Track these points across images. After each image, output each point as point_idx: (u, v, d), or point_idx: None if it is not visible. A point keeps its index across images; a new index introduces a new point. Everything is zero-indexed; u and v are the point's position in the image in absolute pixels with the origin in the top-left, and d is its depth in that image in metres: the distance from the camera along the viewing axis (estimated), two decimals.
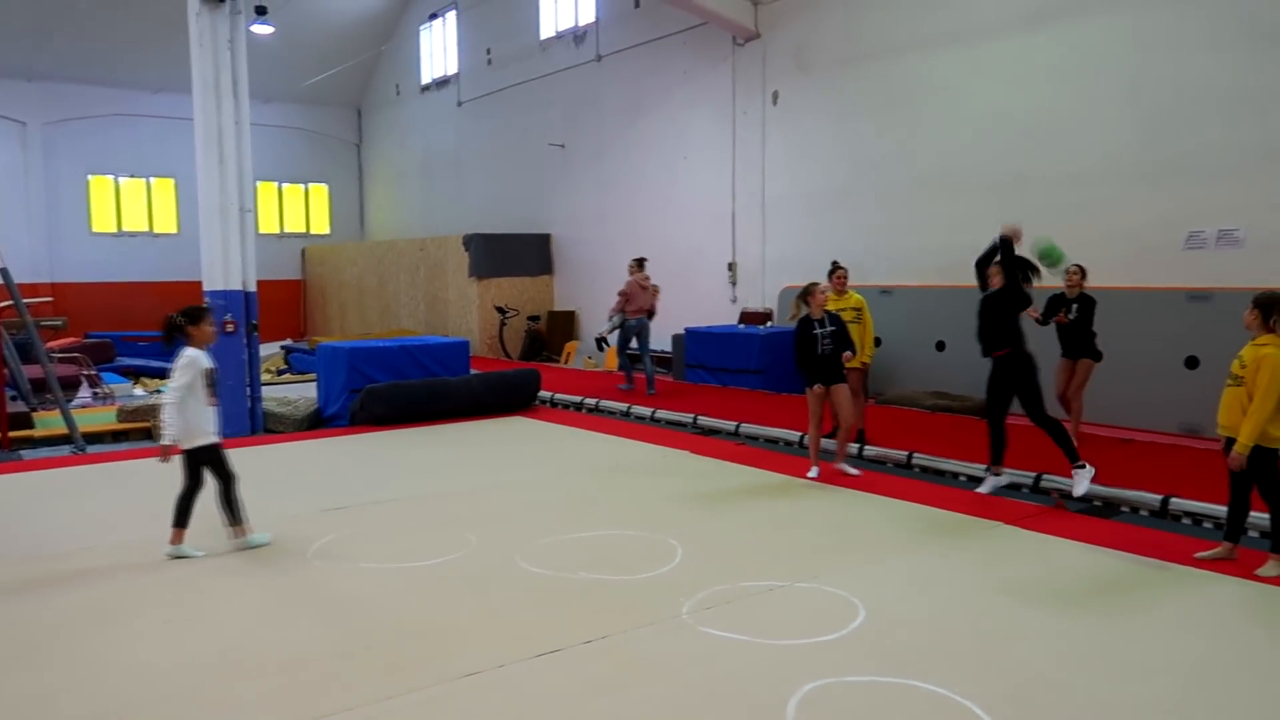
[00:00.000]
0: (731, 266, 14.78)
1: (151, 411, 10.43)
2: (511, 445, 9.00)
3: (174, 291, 22.31)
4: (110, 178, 22.36)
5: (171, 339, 5.48)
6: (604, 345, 13.39)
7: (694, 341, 12.82)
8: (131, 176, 22.58)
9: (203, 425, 5.47)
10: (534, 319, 18.18)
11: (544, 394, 11.64)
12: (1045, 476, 6.87)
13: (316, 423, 10.65)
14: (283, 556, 5.42)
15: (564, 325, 18.27)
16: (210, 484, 5.56)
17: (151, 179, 22.79)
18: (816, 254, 12.93)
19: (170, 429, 5.34)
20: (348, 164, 25.83)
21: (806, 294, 7.23)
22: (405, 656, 3.98)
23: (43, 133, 21.36)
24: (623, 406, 10.92)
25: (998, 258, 6.72)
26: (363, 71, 24.38)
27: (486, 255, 18.00)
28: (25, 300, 13.41)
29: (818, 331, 7.14)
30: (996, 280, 6.73)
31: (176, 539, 5.44)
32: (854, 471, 7.28)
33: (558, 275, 18.85)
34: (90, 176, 22.07)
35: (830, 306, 7.53)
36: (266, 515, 6.35)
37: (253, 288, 10.21)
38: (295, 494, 7.00)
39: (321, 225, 25.58)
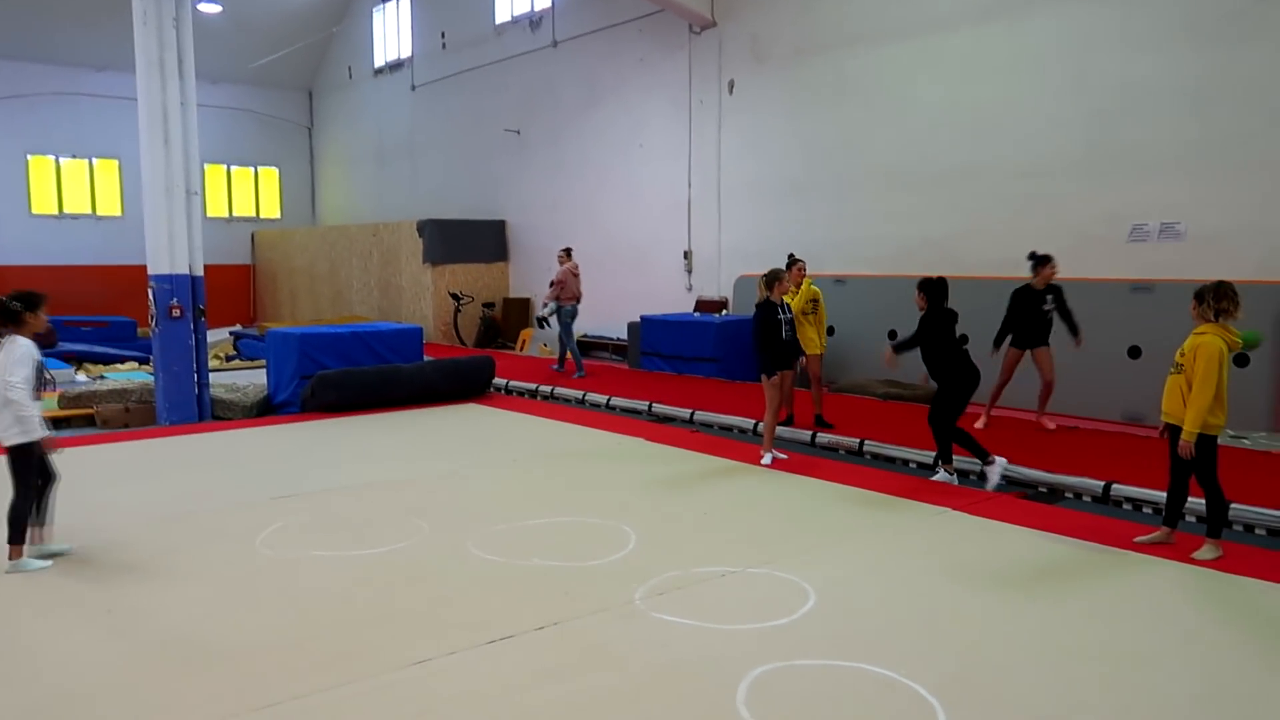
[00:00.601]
0: (687, 255, 14.81)
1: (94, 397, 10.20)
2: (465, 432, 8.94)
3: (118, 275, 21.89)
4: (51, 158, 21.74)
5: (3, 327, 4.95)
6: (544, 325, 13.80)
7: (649, 329, 12.84)
8: (73, 157, 21.97)
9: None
10: (489, 306, 18.07)
11: (499, 381, 11.58)
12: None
13: (266, 410, 10.48)
14: (230, 545, 5.33)
15: (519, 312, 18.18)
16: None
17: (94, 160, 22.20)
18: (772, 243, 13.03)
19: (38, 419, 4.92)
20: (299, 147, 25.39)
21: (773, 279, 7.29)
22: (356, 645, 3.95)
23: None
24: (577, 394, 10.90)
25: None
26: (314, 53, 23.96)
27: (441, 241, 17.82)
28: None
29: (781, 317, 7.20)
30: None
31: (14, 555, 4.93)
32: (783, 457, 7.40)
33: (513, 262, 18.74)
34: (29, 156, 21.44)
35: (785, 297, 7.61)
36: (212, 503, 6.26)
37: (199, 272, 10.00)
38: (243, 482, 6.89)
39: (272, 209, 25.14)
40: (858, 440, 8.00)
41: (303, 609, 4.36)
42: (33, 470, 4.97)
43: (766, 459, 7.26)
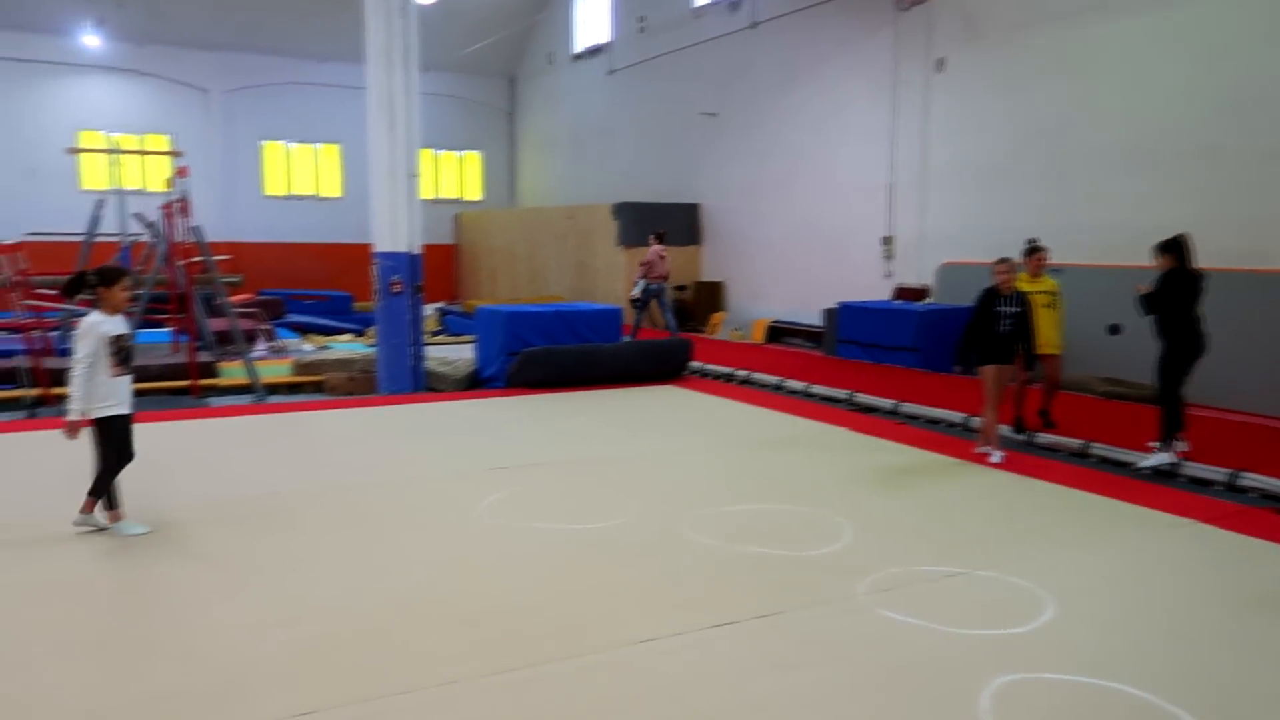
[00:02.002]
0: (887, 241, 14.34)
1: (322, 366, 10.97)
2: (665, 414, 9.01)
3: (337, 252, 23.50)
4: (282, 143, 23.53)
5: (73, 298, 5.11)
6: (636, 305, 14.61)
7: (848, 316, 12.52)
8: (300, 142, 23.70)
9: (108, 395, 5.01)
10: (681, 289, 18.15)
11: (693, 364, 11.61)
12: (1244, 475, 6.38)
13: (474, 383, 10.95)
14: (458, 512, 5.58)
15: (711, 296, 18.19)
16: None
17: (319, 145, 23.86)
18: (980, 229, 12.42)
19: (76, 402, 4.91)
20: (500, 132, 26.36)
21: (1011, 266, 6.98)
22: (582, 618, 4.03)
23: (223, 100, 22.66)
24: (774, 379, 10.77)
25: None
26: (517, 41, 24.75)
27: (635, 224, 18.05)
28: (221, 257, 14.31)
29: (1001, 309, 6.82)
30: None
31: (114, 519, 5.09)
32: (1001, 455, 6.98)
33: (706, 245, 18.75)
34: (263, 142, 23.28)
35: (1025, 288, 7.19)
36: (434, 471, 6.57)
37: (418, 250, 10.54)
38: (462, 452, 7.21)
39: (474, 192, 26.26)
40: (1081, 441, 7.49)
41: (529, 579, 4.50)
42: (111, 442, 5.01)
43: (995, 456, 6.89)
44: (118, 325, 5.04)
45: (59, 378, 9.80)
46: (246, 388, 10.31)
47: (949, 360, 11.27)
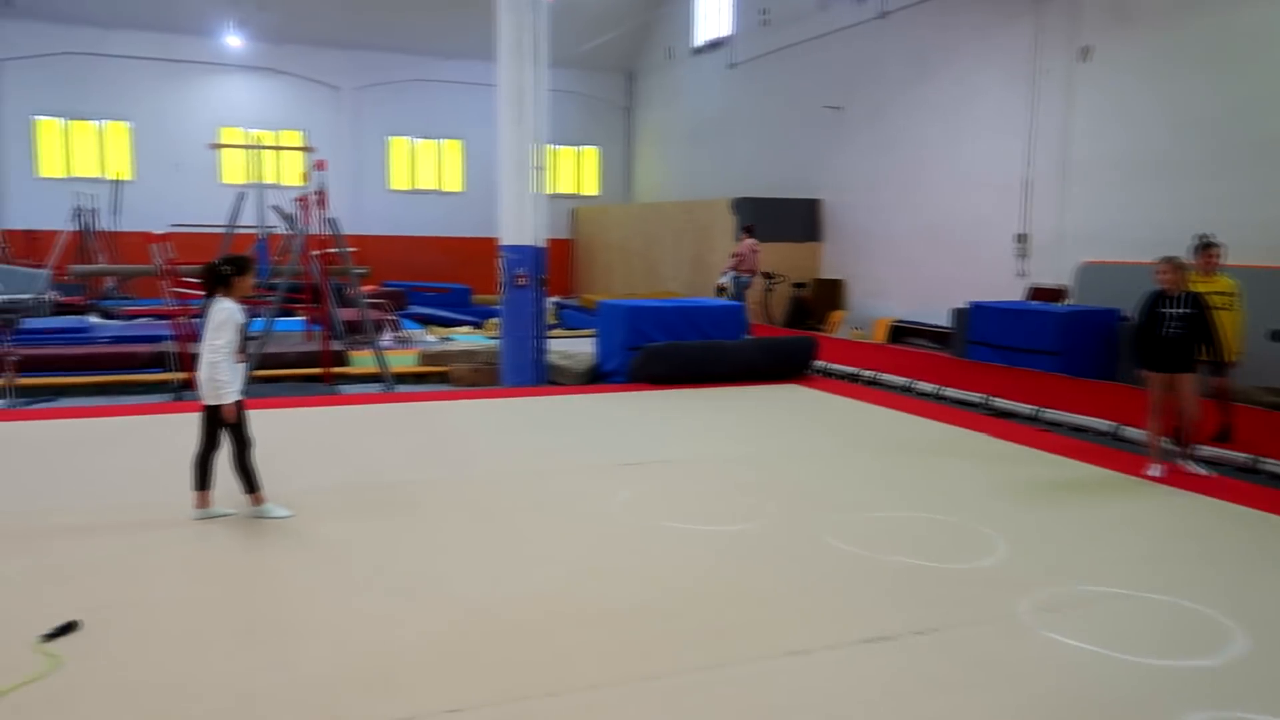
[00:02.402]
0: (1021, 238, 13.70)
1: (447, 357, 11.12)
2: (792, 413, 8.77)
3: (458, 246, 23.99)
4: (407, 139, 24.12)
5: (211, 289, 5.04)
6: (722, 293, 15.23)
7: (980, 317, 12.00)
8: (425, 138, 24.24)
9: (237, 381, 5.07)
10: (799, 286, 17.82)
11: (816, 363, 11.31)
12: None
13: (595, 377, 10.93)
14: (590, 508, 5.50)
15: (830, 293, 17.79)
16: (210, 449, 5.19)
17: (442, 140, 24.37)
18: (1127, 226, 11.74)
19: (230, 385, 4.96)
20: (618, 127, 26.41)
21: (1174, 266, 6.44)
22: (726, 624, 3.88)
23: (353, 97, 23.37)
24: (903, 380, 10.39)
25: None
26: (636, 36, 24.74)
27: (754, 219, 17.75)
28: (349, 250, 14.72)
29: (1165, 310, 6.35)
30: None
31: (201, 502, 5.09)
32: (1202, 471, 6.47)
33: (826, 242, 18.34)
34: (389, 137, 23.91)
35: (1200, 287, 6.68)
36: (563, 464, 6.52)
37: (542, 244, 10.57)
38: (589, 446, 7.15)
39: (591, 187, 26.40)
40: (1250, 456, 6.93)
41: (670, 580, 4.37)
42: (219, 428, 5.04)
43: (1155, 470, 6.42)
44: (241, 313, 5.15)
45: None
46: (376, 377, 10.53)
47: (1094, 365, 10.69)
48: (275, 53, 22.38)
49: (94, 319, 15.91)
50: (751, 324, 13.87)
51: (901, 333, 15.71)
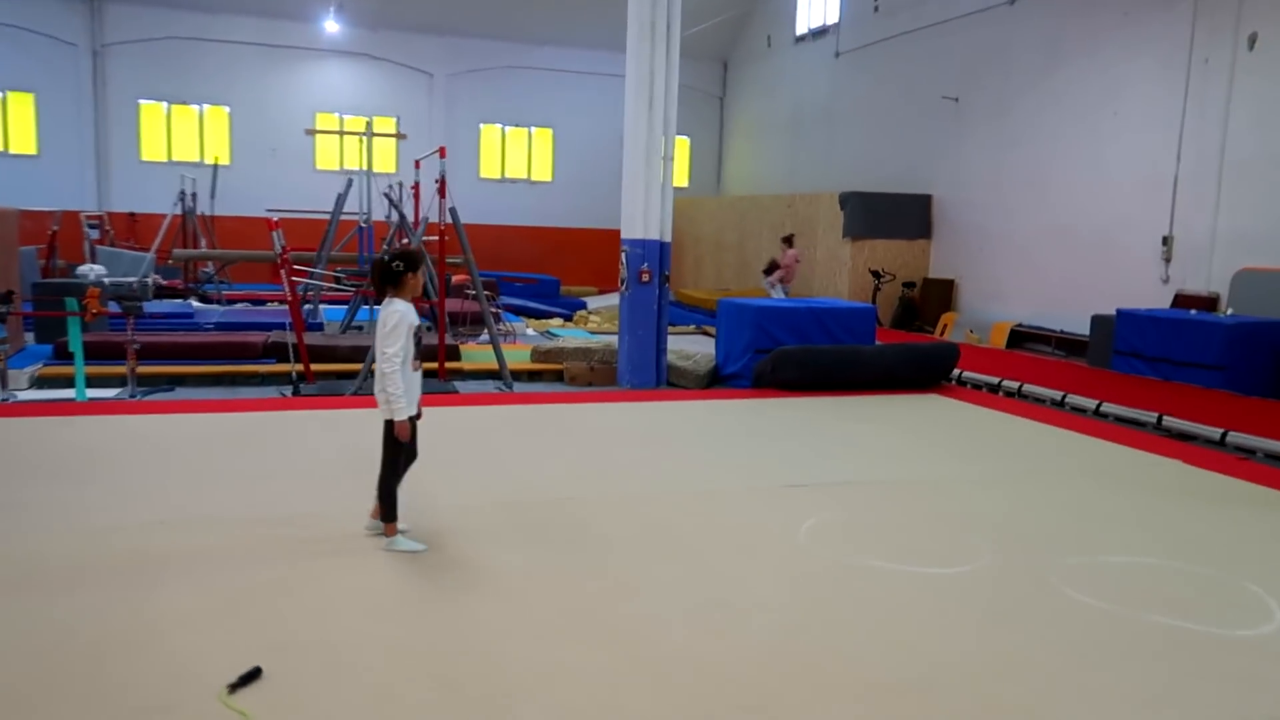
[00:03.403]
0: (1166, 241, 12.75)
1: (561, 354, 10.67)
2: (949, 428, 8.09)
3: (545, 236, 23.65)
4: (498, 126, 23.81)
5: (381, 289, 4.53)
6: None
7: (1128, 325, 11.14)
8: (515, 126, 23.91)
9: (406, 392, 4.49)
10: (909, 286, 17.02)
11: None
12: None
13: (714, 380, 10.38)
14: (775, 539, 4.95)
15: (940, 294, 16.95)
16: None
17: (532, 129, 24.01)
18: None
19: (404, 399, 4.42)
20: (709, 117, 25.77)
21: None
22: (1008, 703, 3.26)
23: (445, 83, 23.12)
24: (1055, 394, 9.63)
25: None
26: (733, 24, 24.06)
27: (864, 215, 17.04)
28: (430, 239, 14.32)
29: None
30: None
31: (390, 533, 4.57)
32: None
33: (936, 240, 17.49)
34: (481, 125, 23.63)
35: None
36: (729, 484, 5.97)
37: (668, 238, 10.04)
38: (744, 461, 6.61)
39: (680, 178, 25.81)
40: None
41: (912, 639, 3.76)
42: (400, 446, 4.53)
43: None
44: (415, 315, 4.58)
45: (321, 355, 9.92)
46: (492, 374, 10.13)
47: (1261, 382, 9.81)
48: (371, 38, 22.24)
49: (194, 304, 15.88)
50: None
51: (1022, 338, 14.86)
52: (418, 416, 4.63)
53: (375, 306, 12.89)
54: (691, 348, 11.94)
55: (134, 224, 20.45)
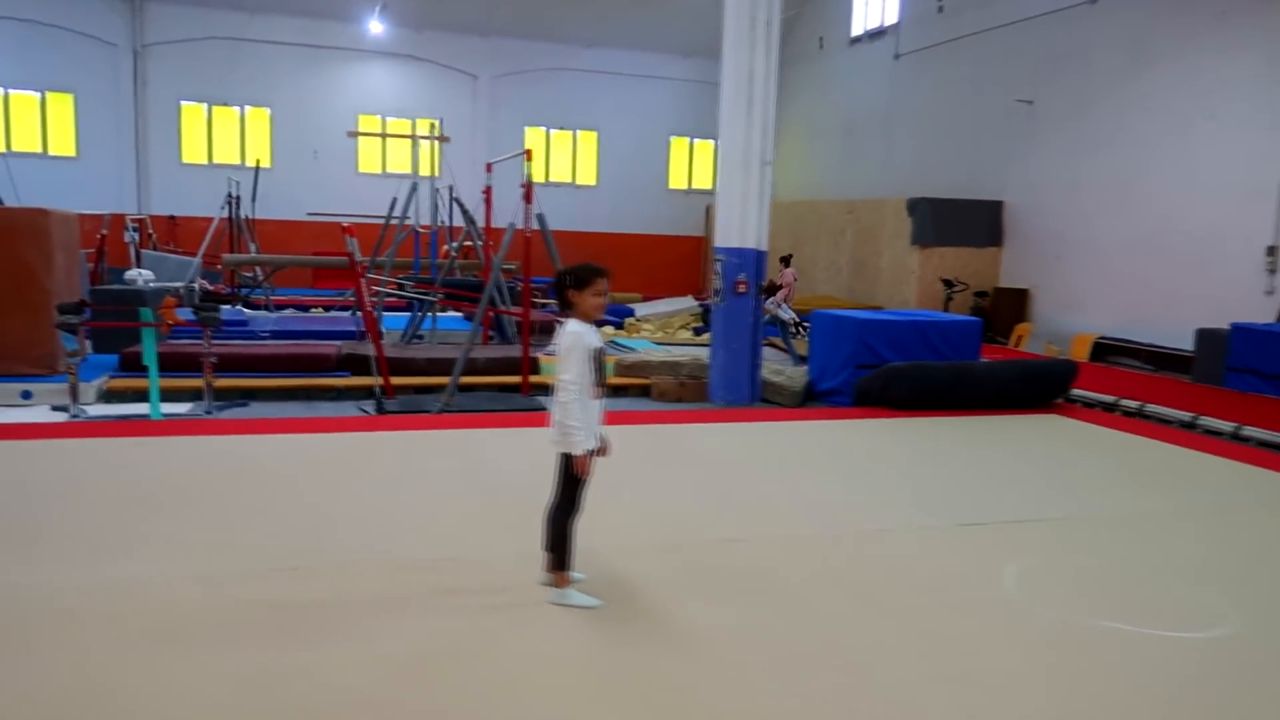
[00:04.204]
0: (1271, 251, 12.10)
1: (648, 368, 10.12)
2: (1087, 453, 7.47)
3: (588, 241, 23.08)
4: (542, 129, 23.32)
5: (562, 305, 4.01)
6: (799, 331, 14.09)
7: (1245, 341, 10.50)
8: (560, 129, 23.41)
9: (590, 424, 3.99)
10: (981, 295, 16.39)
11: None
12: None
13: (808, 397, 9.81)
14: (984, 591, 4.36)
15: (1013, 304, 16.32)
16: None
17: (577, 132, 23.51)
18: None
19: (582, 431, 3.89)
20: None
21: None
22: None
23: (489, 85, 22.64)
24: (1185, 415, 9.00)
25: None
26: (783, 26, 23.42)
27: (933, 222, 16.43)
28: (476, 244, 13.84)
29: None
30: None
31: (561, 583, 4.04)
32: None
33: (1007, 248, 16.86)
34: (526, 128, 23.14)
35: None
36: (896, 521, 5.38)
37: (765, 246, 9.48)
38: (898, 494, 6.02)
39: None
40: None
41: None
42: (578, 484, 3.99)
43: None
44: (595, 335, 4.05)
45: (398, 367, 9.38)
46: None
47: None
48: (415, 39, 21.81)
49: (242, 310, 15.41)
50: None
51: (1106, 350, 14.22)
52: (600, 450, 4.07)
53: (430, 315, 12.47)
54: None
55: (174, 227, 20.03)
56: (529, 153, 9.42)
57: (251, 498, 5.34)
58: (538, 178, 23.30)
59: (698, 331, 16.88)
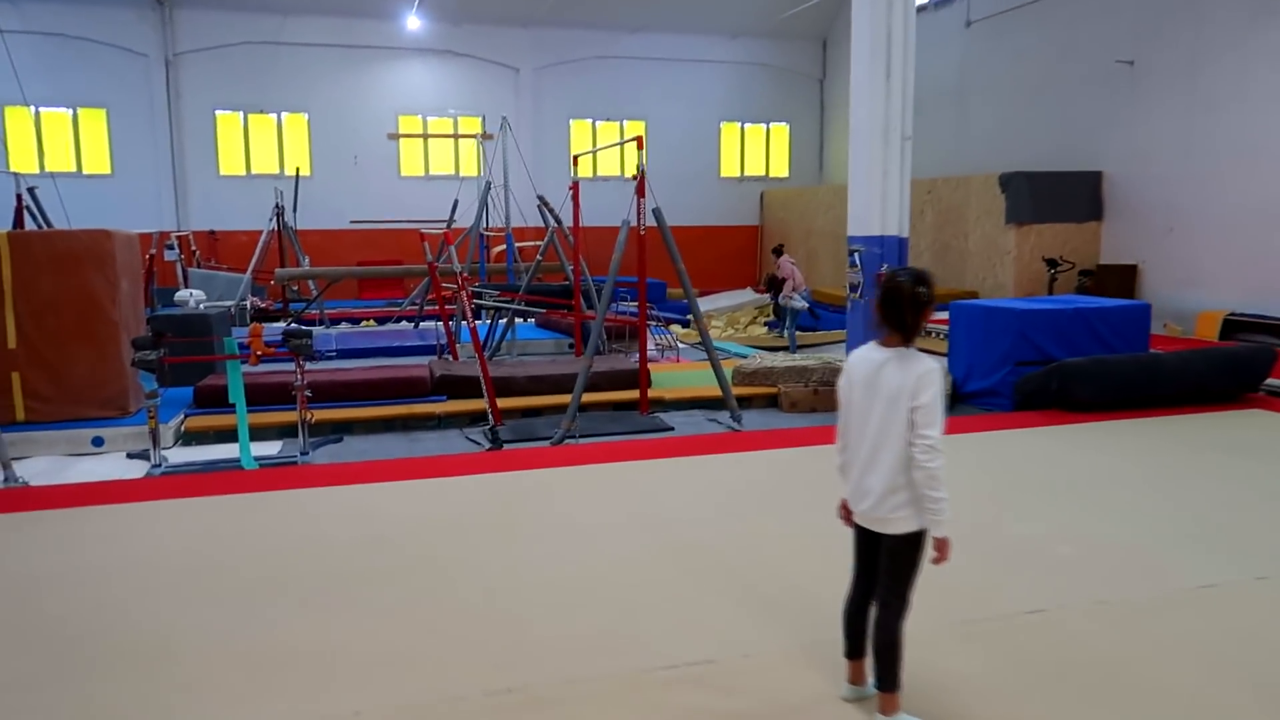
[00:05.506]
0: None
1: (772, 375, 9.04)
2: None
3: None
4: (588, 121, 22.27)
5: (906, 328, 2.89)
6: (813, 315, 14.24)
7: None
8: (607, 120, 22.35)
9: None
10: (1086, 274, 15.19)
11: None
12: None
13: (954, 401, 8.72)
14: None
15: (1120, 282, 15.09)
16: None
17: (624, 122, 22.43)
18: None
19: (947, 507, 2.87)
20: (809, 101, 24.02)
21: None
22: None
23: (532, 78, 21.59)
24: None
25: None
26: (835, 1, 22.30)
27: (1029, 198, 15.24)
28: (524, 244, 12.82)
29: None
30: None
31: (856, 676, 3.15)
32: None
33: (1108, 221, 15.64)
34: (571, 120, 22.09)
35: None
36: (1215, 573, 4.29)
37: (906, 233, 8.39)
38: (1163, 530, 4.94)
39: (780, 168, 24.10)
40: None
41: None
42: (908, 571, 2.96)
43: None
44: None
45: (498, 388, 8.35)
46: (698, 402, 8.54)
47: None
48: (454, 34, 20.77)
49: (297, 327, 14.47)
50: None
51: (1236, 327, 13.01)
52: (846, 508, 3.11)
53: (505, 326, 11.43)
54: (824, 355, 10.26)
55: (215, 242, 19.15)
56: (639, 140, 8.33)
57: (404, 579, 4.33)
58: (585, 173, 22.35)
59: (771, 326, 15.81)
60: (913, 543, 2.91)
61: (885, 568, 2.96)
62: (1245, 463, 6.23)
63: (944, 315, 9.81)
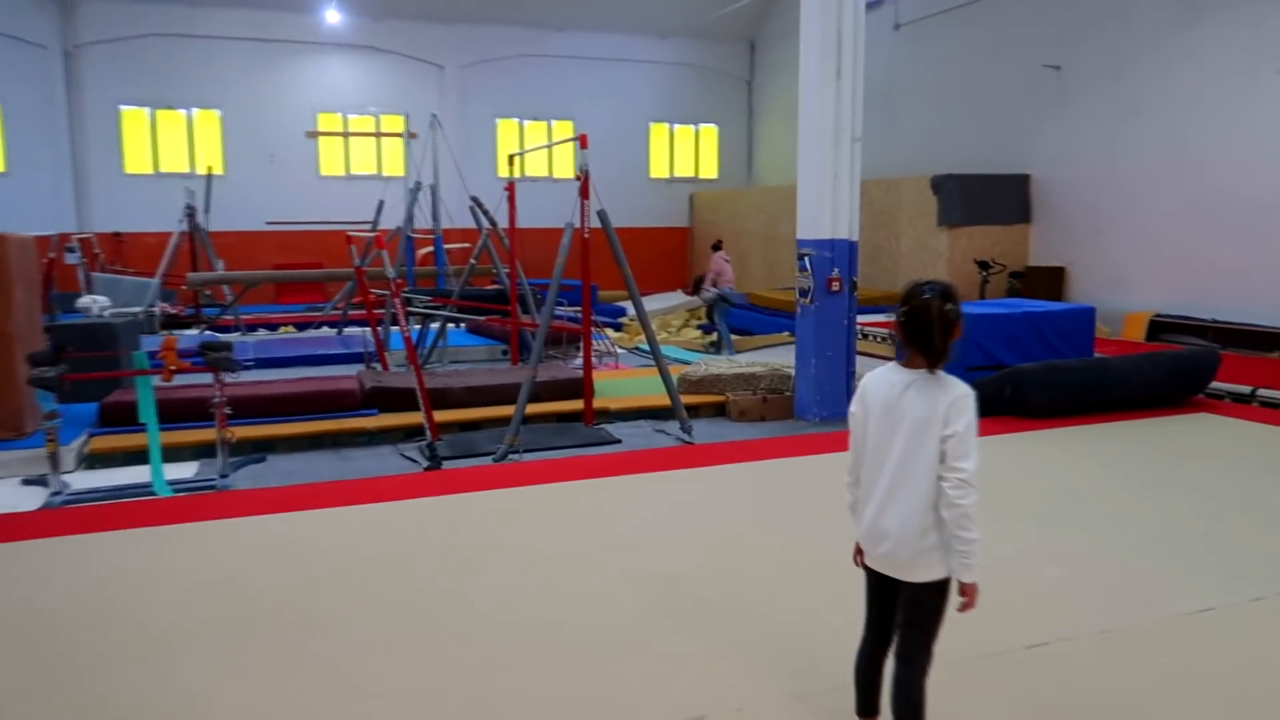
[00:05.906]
0: None
1: (719, 382, 8.74)
2: (1258, 463, 6.34)
3: (550, 236, 21.61)
4: (515, 120, 21.76)
5: (934, 352, 2.54)
6: (727, 301, 14.07)
7: None
8: (534, 119, 21.87)
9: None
10: (1017, 276, 15.34)
11: None
12: None
13: None
14: None
15: (1048, 284, 15.28)
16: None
17: (552, 121, 21.99)
18: None
19: (978, 549, 2.56)
20: (737, 103, 23.92)
21: None
22: None
23: (457, 76, 21.00)
24: None
25: None
26: (763, 1, 22.24)
27: (961, 200, 15.32)
28: (453, 246, 12.34)
29: None
30: None
31: None
32: None
33: (1036, 224, 15.83)
34: (498, 120, 21.56)
35: None
36: (1212, 594, 4.11)
37: (856, 236, 8.19)
38: (1145, 543, 4.77)
39: (710, 169, 23.94)
40: None
41: None
42: (931, 622, 2.65)
43: None
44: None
45: (436, 398, 7.87)
46: (658, 413, 8.19)
47: None
48: (375, 29, 20.07)
49: (211, 335, 13.68)
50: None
51: (1162, 329, 13.24)
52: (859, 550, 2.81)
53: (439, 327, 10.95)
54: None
55: (120, 245, 18.09)
56: (584, 138, 7.94)
57: (342, 626, 3.87)
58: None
59: (705, 329, 15.60)
60: (939, 590, 2.61)
61: (907, 619, 2.64)
62: (1206, 469, 6.16)
63: (885, 318, 9.70)
